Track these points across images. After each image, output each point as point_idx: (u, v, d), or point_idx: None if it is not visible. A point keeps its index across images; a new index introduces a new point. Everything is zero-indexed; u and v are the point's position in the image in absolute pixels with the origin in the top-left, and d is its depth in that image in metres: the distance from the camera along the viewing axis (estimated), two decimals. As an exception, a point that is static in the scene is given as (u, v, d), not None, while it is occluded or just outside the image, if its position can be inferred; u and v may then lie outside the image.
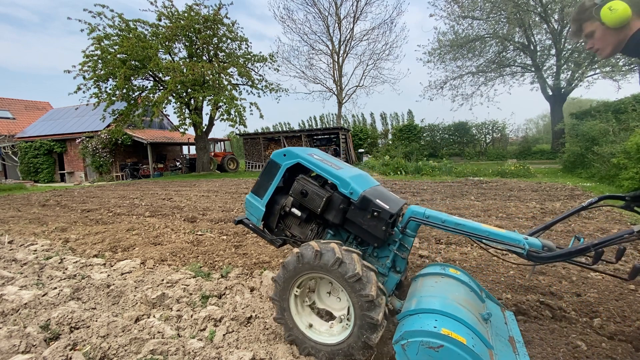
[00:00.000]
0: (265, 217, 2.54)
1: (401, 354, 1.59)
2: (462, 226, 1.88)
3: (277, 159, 2.44)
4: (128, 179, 20.50)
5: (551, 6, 16.81)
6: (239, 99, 18.62)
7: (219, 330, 2.32)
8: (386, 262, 2.15)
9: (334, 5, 27.40)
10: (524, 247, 1.66)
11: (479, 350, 1.49)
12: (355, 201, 2.13)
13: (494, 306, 2.11)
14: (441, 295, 1.86)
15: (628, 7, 1.57)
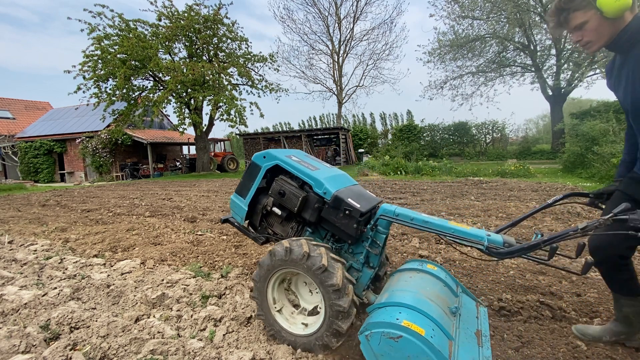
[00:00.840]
0: (249, 215, 2.68)
1: (365, 344, 1.69)
2: (429, 224, 1.96)
3: (258, 161, 2.58)
4: (128, 179, 20.50)
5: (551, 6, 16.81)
6: (239, 99, 18.62)
7: (219, 330, 2.32)
8: (360, 258, 2.25)
9: (334, 5, 27.45)
10: (484, 244, 1.74)
11: (437, 341, 1.58)
12: (328, 200, 2.24)
13: (468, 301, 2.20)
14: (411, 290, 1.95)
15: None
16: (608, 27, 1.54)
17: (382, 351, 1.65)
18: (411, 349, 1.57)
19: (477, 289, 2.73)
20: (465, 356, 1.66)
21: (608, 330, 1.95)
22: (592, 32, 1.57)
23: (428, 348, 1.54)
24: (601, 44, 1.61)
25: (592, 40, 1.61)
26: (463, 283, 2.86)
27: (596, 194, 1.95)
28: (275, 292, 2.21)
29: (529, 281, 2.81)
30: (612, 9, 1.46)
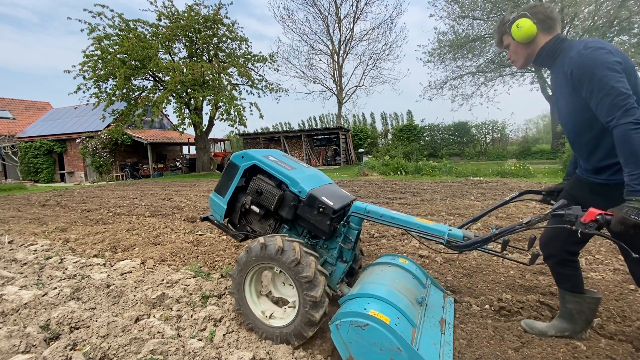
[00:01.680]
0: (228, 214, 2.76)
1: (335, 332, 1.81)
2: (397, 220, 2.09)
3: (236, 161, 2.66)
4: (128, 179, 20.50)
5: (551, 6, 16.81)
6: (238, 99, 18.62)
7: (219, 330, 2.32)
8: (334, 253, 2.37)
9: (334, 5, 27.44)
10: (444, 238, 1.89)
11: (401, 328, 1.72)
12: (303, 199, 2.34)
13: (436, 292, 2.37)
14: (381, 282, 2.10)
15: (533, 24, 1.71)
16: (523, 49, 1.83)
17: (350, 339, 1.76)
18: (376, 336, 1.69)
19: (477, 289, 2.72)
20: (427, 341, 1.82)
21: (553, 326, 2.03)
22: (513, 53, 1.88)
23: (392, 335, 1.66)
24: (521, 62, 1.89)
25: (514, 59, 1.91)
26: (463, 283, 2.86)
27: (548, 191, 2.09)
28: (252, 287, 2.31)
29: (529, 281, 2.81)
30: (518, 37, 1.76)
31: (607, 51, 1.55)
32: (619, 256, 3.37)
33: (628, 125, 1.43)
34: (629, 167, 1.46)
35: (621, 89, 1.47)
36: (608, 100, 1.49)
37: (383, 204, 6.78)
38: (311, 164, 23.13)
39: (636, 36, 15.63)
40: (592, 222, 1.49)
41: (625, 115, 1.44)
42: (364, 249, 3.94)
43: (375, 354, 1.70)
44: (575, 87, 1.64)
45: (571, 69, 1.62)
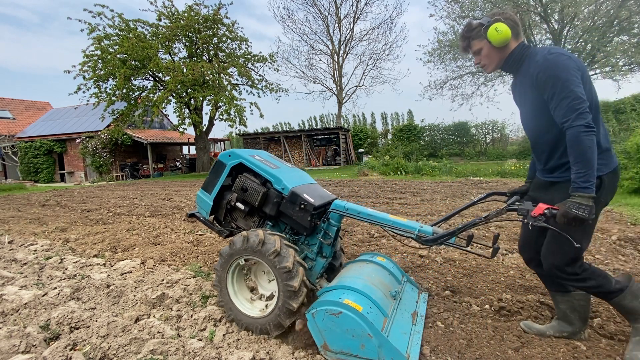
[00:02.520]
0: (214, 210, 2.86)
1: (311, 320, 1.92)
2: (373, 216, 2.22)
3: (223, 159, 2.77)
4: (128, 179, 20.50)
5: (551, 6, 16.81)
6: (238, 99, 18.61)
7: (219, 330, 2.32)
8: (314, 248, 2.47)
9: (334, 5, 27.44)
10: (414, 233, 2.04)
11: (373, 317, 1.84)
12: (286, 196, 2.45)
13: (411, 288, 2.54)
14: (357, 276, 2.23)
15: (509, 29, 1.79)
16: (496, 53, 1.89)
17: (325, 326, 1.88)
18: (349, 323, 1.80)
19: (477, 289, 2.72)
20: (397, 330, 1.95)
21: (551, 327, 2.07)
22: (485, 57, 1.93)
23: (363, 322, 1.78)
24: (493, 66, 1.96)
25: (487, 64, 1.95)
26: (463, 283, 2.87)
27: (512, 192, 2.18)
28: (235, 280, 2.41)
29: (529, 281, 2.81)
30: (496, 40, 1.81)
31: (567, 57, 1.68)
32: (618, 256, 3.37)
33: (580, 128, 1.57)
34: (576, 166, 1.59)
35: (578, 93, 1.60)
36: (565, 103, 1.62)
37: (383, 204, 6.78)
38: (311, 164, 23.15)
39: (636, 36, 15.62)
40: (540, 215, 1.64)
41: (579, 119, 1.58)
42: (363, 249, 3.94)
43: (348, 340, 1.83)
44: (539, 90, 1.74)
45: (537, 72, 1.73)
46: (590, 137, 1.56)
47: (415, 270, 3.18)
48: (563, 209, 1.58)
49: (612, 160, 1.75)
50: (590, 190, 1.56)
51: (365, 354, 1.79)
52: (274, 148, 24.88)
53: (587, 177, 1.56)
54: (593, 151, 1.57)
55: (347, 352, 1.85)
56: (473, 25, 1.90)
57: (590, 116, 1.59)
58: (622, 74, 16.47)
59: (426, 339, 2.07)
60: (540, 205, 1.66)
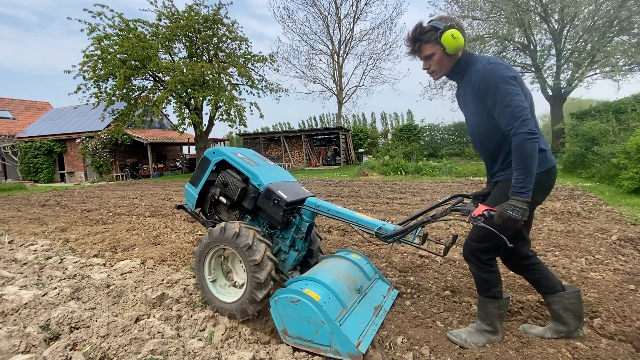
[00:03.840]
0: (200, 203, 3.07)
1: (274, 307, 2.11)
2: (341, 214, 2.37)
3: (209, 156, 2.96)
4: (128, 179, 20.49)
5: (551, 6, 16.81)
6: (238, 99, 18.58)
7: (218, 331, 2.32)
8: (287, 242, 2.64)
9: (334, 5, 27.45)
10: (374, 230, 2.19)
11: (330, 306, 2.01)
12: (262, 191, 2.61)
13: (381, 285, 2.70)
14: (325, 270, 2.39)
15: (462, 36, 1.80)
16: (448, 61, 1.89)
17: (285, 312, 2.06)
18: (306, 310, 1.97)
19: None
20: (354, 320, 2.10)
21: (548, 328, 2.08)
22: (436, 63, 1.90)
23: (318, 310, 1.94)
24: (442, 73, 1.95)
25: (436, 70, 1.93)
26: (463, 283, 2.87)
27: (475, 195, 2.22)
28: (211, 266, 2.59)
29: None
30: (451, 47, 1.80)
31: (505, 67, 1.75)
32: (618, 256, 3.37)
33: (524, 135, 1.63)
34: (517, 172, 1.66)
35: (519, 101, 1.66)
36: (508, 111, 1.67)
37: (383, 204, 6.78)
38: (311, 164, 23.13)
39: (636, 36, 15.62)
40: (479, 216, 1.76)
41: (522, 126, 1.63)
42: (363, 249, 3.94)
43: (304, 326, 1.99)
44: (480, 98, 1.79)
45: (478, 81, 1.78)
46: (533, 144, 1.63)
47: (415, 270, 3.18)
48: (499, 210, 1.67)
49: (546, 161, 1.81)
50: (526, 196, 1.64)
51: (319, 339, 1.95)
52: (274, 148, 24.87)
53: (524, 183, 1.64)
54: (534, 158, 1.63)
55: (303, 337, 2.01)
56: (426, 28, 1.84)
57: (532, 122, 1.65)
58: (622, 74, 16.46)
59: (425, 339, 2.07)
60: (480, 207, 1.78)
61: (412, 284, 2.85)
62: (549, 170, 1.82)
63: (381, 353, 1.97)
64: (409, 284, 2.87)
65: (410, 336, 2.12)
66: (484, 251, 1.93)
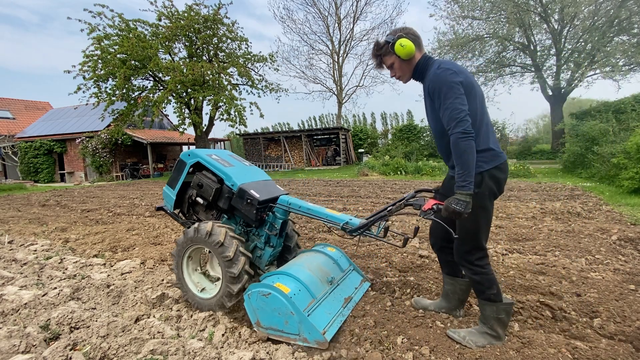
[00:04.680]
0: (178, 204, 3.15)
1: (247, 300, 2.24)
2: (311, 210, 2.49)
3: (184, 158, 3.03)
4: (128, 179, 20.49)
5: (551, 6, 16.81)
6: (238, 99, 18.58)
7: (218, 331, 2.32)
8: (262, 239, 2.75)
9: (333, 5, 27.45)
10: (340, 224, 2.35)
11: (299, 298, 2.15)
12: (235, 191, 2.70)
13: (355, 277, 2.83)
14: (299, 263, 2.52)
15: (412, 43, 1.99)
16: (406, 65, 2.09)
17: (257, 305, 2.19)
18: (276, 302, 2.11)
19: (477, 289, 2.72)
20: (322, 311, 2.23)
21: (434, 303, 2.41)
22: (398, 70, 2.12)
23: (287, 302, 2.08)
24: (407, 77, 2.14)
25: (401, 75, 2.14)
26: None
27: (436, 190, 2.34)
28: (189, 265, 2.70)
29: (529, 281, 2.81)
30: (403, 54, 2.01)
31: (452, 72, 1.90)
32: (618, 256, 3.37)
33: (458, 135, 1.79)
34: (457, 167, 1.82)
35: (458, 104, 1.82)
36: (447, 113, 1.85)
37: (383, 204, 6.78)
38: (311, 164, 23.11)
39: (636, 36, 15.61)
40: (429, 210, 1.92)
41: (457, 126, 1.80)
42: (363, 249, 3.94)
43: (275, 317, 2.13)
44: (432, 99, 1.99)
45: (429, 84, 1.97)
46: (467, 142, 1.78)
47: (415, 270, 3.18)
48: (445, 204, 1.82)
49: (496, 159, 1.97)
50: (467, 189, 1.77)
51: (288, 329, 2.10)
52: (274, 148, 24.87)
53: (464, 177, 1.78)
54: (469, 154, 1.78)
55: (274, 328, 2.15)
56: (381, 44, 2.10)
57: (468, 124, 1.79)
58: (622, 74, 16.47)
59: (425, 339, 2.07)
60: (430, 201, 1.95)
61: (412, 284, 2.85)
62: (498, 166, 1.97)
63: (381, 353, 1.97)
64: (409, 284, 2.86)
65: (410, 336, 2.12)
66: (469, 252, 2.04)
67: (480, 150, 1.92)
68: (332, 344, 2.08)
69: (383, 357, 1.94)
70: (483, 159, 1.92)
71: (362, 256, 3.67)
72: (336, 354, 1.99)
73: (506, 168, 2.04)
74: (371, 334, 2.14)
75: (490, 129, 2.03)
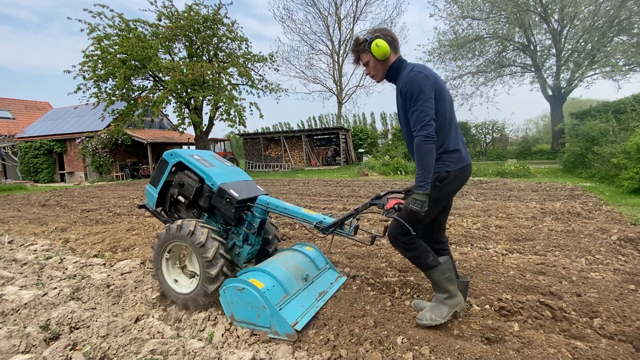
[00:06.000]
0: (160, 203, 3.22)
1: (222, 295, 2.35)
2: (287, 210, 2.60)
3: (167, 158, 3.11)
4: (128, 179, 20.49)
5: (551, 6, 16.81)
6: (238, 99, 18.58)
7: (218, 331, 2.32)
8: (241, 237, 2.84)
9: (333, 5, 27.45)
10: (313, 223, 2.47)
11: (272, 293, 2.25)
12: (215, 190, 2.79)
13: (331, 273, 2.95)
14: (275, 261, 2.65)
15: (387, 44, 2.05)
16: (380, 65, 2.14)
17: (232, 300, 2.29)
18: (249, 297, 2.21)
19: (477, 289, 2.72)
20: (295, 304, 2.33)
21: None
22: (372, 68, 2.18)
23: (260, 296, 2.18)
24: (380, 76, 2.20)
25: (374, 74, 2.20)
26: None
27: (406, 190, 2.38)
28: (169, 260, 2.77)
29: (529, 281, 2.81)
30: (377, 54, 2.07)
31: (425, 75, 1.97)
32: (618, 256, 3.37)
33: (421, 138, 1.89)
34: (417, 168, 1.92)
35: (426, 108, 1.91)
36: (414, 115, 1.94)
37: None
38: (311, 164, 23.10)
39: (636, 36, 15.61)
40: (391, 209, 2.02)
41: (422, 130, 1.90)
42: (363, 249, 3.94)
43: (248, 311, 2.23)
44: (404, 101, 2.05)
45: (401, 86, 2.04)
46: (429, 146, 1.88)
47: (415, 270, 3.18)
48: (405, 203, 1.94)
49: (460, 160, 2.10)
50: (424, 189, 1.89)
51: (261, 322, 2.20)
52: (274, 148, 24.86)
53: (422, 178, 1.89)
54: (430, 157, 1.89)
55: (247, 321, 2.26)
56: (360, 40, 2.16)
57: (432, 128, 1.89)
58: (622, 74, 16.47)
59: (425, 339, 2.07)
60: (392, 200, 2.06)
61: (412, 284, 2.85)
62: (462, 168, 2.10)
63: (381, 353, 1.97)
64: (409, 284, 2.86)
65: (410, 336, 2.11)
66: (403, 234, 2.15)
67: (450, 151, 2.04)
68: (332, 343, 2.08)
69: (383, 357, 1.94)
70: (451, 159, 2.05)
71: (362, 256, 3.67)
72: (336, 353, 1.99)
73: (470, 170, 2.19)
74: (371, 334, 2.14)
75: (458, 132, 2.14)
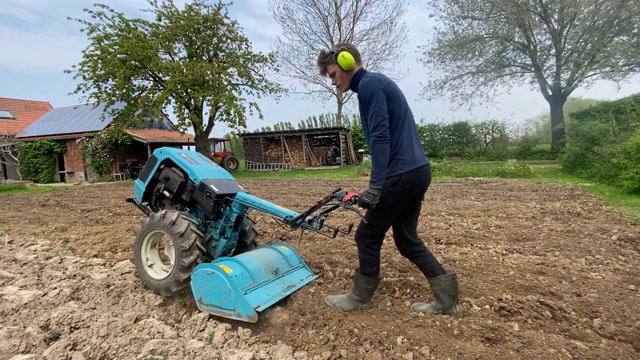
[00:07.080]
0: (147, 197, 3.42)
1: (193, 279, 2.50)
2: (263, 205, 2.77)
3: (156, 154, 3.30)
4: (128, 179, 20.49)
5: (551, 6, 16.82)
6: (238, 99, 18.58)
7: (218, 331, 2.32)
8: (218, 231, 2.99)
9: (333, 6, 27.46)
10: (282, 217, 2.67)
11: (239, 279, 2.41)
12: (197, 185, 2.97)
13: (303, 272, 3.06)
14: (249, 254, 2.83)
15: (352, 56, 2.23)
16: (346, 76, 2.33)
17: (201, 284, 2.44)
18: (217, 281, 2.36)
19: (477, 289, 2.72)
20: (261, 292, 2.48)
21: (430, 306, 2.45)
22: (339, 78, 2.35)
23: (227, 280, 2.33)
24: (346, 86, 2.37)
25: (341, 84, 2.37)
26: (463, 283, 2.86)
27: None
28: (148, 245, 2.95)
29: (529, 281, 2.80)
30: (343, 65, 2.25)
31: (377, 80, 2.15)
32: (618, 256, 3.37)
33: (375, 137, 2.06)
34: (372, 165, 2.09)
35: (379, 110, 2.08)
36: (369, 116, 2.11)
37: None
38: (311, 164, 23.10)
39: (636, 36, 15.62)
40: (348, 201, 2.20)
41: (375, 130, 2.06)
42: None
43: (215, 294, 2.38)
44: (362, 104, 2.21)
45: (359, 91, 2.21)
46: (381, 145, 2.04)
47: (415, 270, 3.18)
48: (360, 196, 2.10)
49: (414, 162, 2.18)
50: (376, 184, 2.05)
51: (226, 305, 2.34)
52: (274, 148, 24.87)
53: (376, 174, 2.05)
54: (382, 155, 2.04)
55: (214, 304, 2.39)
56: (326, 53, 2.34)
57: (384, 129, 2.05)
58: (622, 74, 16.48)
59: (425, 339, 2.07)
60: (349, 193, 2.22)
61: (412, 284, 2.85)
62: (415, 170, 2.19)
63: (381, 353, 1.97)
64: (409, 284, 2.86)
65: (410, 336, 2.11)
66: (369, 236, 2.34)
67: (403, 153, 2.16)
68: (332, 343, 2.08)
69: (383, 357, 1.94)
70: (404, 162, 2.15)
71: (362, 256, 3.67)
72: (336, 353, 1.99)
73: (425, 172, 2.25)
74: (371, 334, 2.14)
75: (413, 134, 2.25)
